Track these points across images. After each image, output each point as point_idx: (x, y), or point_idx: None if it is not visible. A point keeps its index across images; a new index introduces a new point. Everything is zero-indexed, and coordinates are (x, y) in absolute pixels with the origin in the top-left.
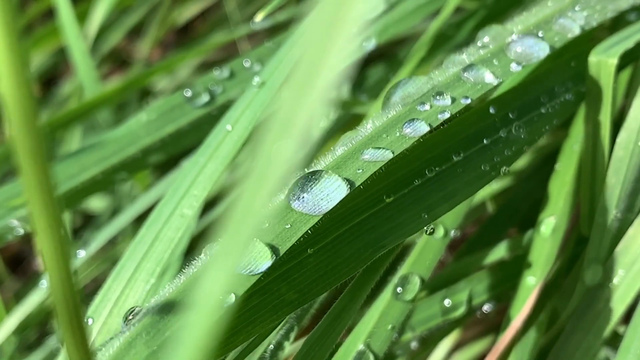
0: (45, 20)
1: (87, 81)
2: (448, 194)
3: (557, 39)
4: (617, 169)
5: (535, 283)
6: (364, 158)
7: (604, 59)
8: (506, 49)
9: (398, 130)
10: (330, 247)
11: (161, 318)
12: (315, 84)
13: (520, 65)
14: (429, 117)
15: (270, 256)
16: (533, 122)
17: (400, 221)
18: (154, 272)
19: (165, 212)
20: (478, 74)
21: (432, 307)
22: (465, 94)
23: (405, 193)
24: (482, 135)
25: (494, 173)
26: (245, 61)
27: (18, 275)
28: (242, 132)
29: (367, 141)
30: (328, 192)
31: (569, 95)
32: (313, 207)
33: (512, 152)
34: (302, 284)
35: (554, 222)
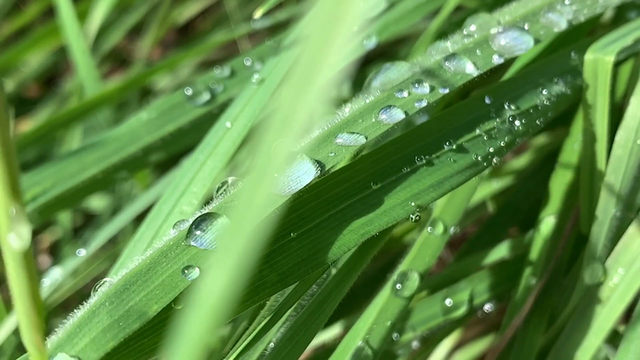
0: (45, 19)
1: (88, 80)
2: (437, 182)
3: (543, 33)
4: (616, 168)
5: (535, 282)
6: (337, 142)
7: (601, 57)
8: (490, 40)
9: (374, 116)
10: (314, 232)
11: (125, 289)
12: (315, 82)
13: (502, 58)
14: (405, 105)
15: None
16: (528, 114)
17: (386, 208)
18: None
19: (164, 210)
20: (459, 64)
21: (433, 307)
22: (444, 83)
23: (393, 180)
24: (476, 125)
25: (485, 163)
26: (246, 60)
27: None
28: (241, 130)
29: (342, 125)
30: (299, 174)
31: (566, 89)
32: (282, 188)
33: (505, 144)
34: (284, 267)
35: (554, 221)
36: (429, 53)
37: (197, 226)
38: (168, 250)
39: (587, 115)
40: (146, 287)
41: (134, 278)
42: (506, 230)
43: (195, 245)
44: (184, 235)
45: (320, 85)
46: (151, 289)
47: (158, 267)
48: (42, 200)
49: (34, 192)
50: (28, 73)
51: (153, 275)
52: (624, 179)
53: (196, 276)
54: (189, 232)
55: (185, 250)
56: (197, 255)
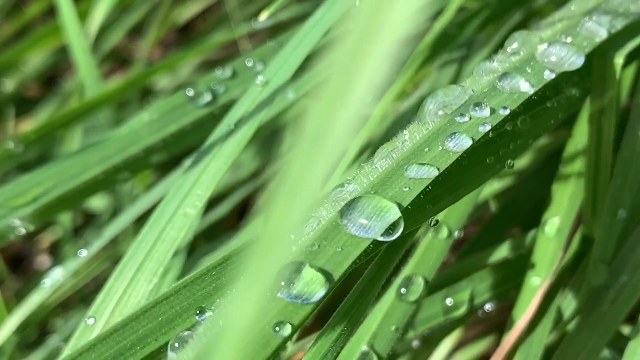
0: (46, 18)
1: (88, 80)
2: (453, 187)
3: (586, 44)
4: (623, 170)
5: (540, 283)
6: (409, 175)
7: (610, 58)
8: (537, 56)
9: (440, 144)
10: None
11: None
12: (349, 98)
13: (553, 73)
14: (469, 130)
15: (324, 283)
16: (538, 115)
17: (402, 213)
18: (157, 272)
19: (168, 211)
20: (513, 82)
21: (434, 306)
22: (503, 104)
23: None
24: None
25: (498, 166)
26: (248, 60)
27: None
28: (245, 132)
29: (409, 156)
30: (379, 214)
31: (574, 90)
32: (362, 230)
33: (517, 146)
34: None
35: (559, 222)
36: (477, 74)
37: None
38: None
39: (594, 117)
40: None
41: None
42: (508, 230)
43: (283, 298)
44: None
45: (354, 101)
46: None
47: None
48: (43, 201)
49: (35, 192)
50: (28, 73)
51: None
52: (631, 181)
53: (287, 333)
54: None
55: (273, 303)
56: (286, 309)
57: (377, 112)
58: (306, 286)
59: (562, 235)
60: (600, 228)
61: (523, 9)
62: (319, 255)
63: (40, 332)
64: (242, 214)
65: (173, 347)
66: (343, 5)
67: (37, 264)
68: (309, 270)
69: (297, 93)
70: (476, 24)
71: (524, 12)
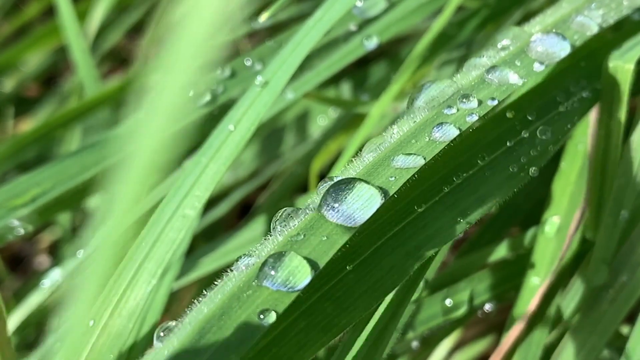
0: (45, 18)
1: (87, 80)
2: (480, 198)
3: (577, 38)
4: (627, 170)
5: (540, 283)
6: (395, 165)
7: (621, 64)
8: (527, 50)
9: (427, 135)
10: (370, 261)
11: (200, 338)
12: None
13: (543, 65)
14: (457, 120)
15: (310, 271)
16: (554, 121)
17: (436, 228)
18: (155, 274)
19: (167, 213)
20: (502, 75)
21: (433, 307)
22: (491, 95)
23: (437, 200)
24: (504, 138)
25: (522, 174)
26: (247, 60)
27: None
28: (244, 132)
29: (396, 147)
30: (362, 202)
31: (586, 93)
32: (348, 218)
33: (538, 152)
34: (347, 302)
35: (559, 222)
36: (467, 69)
37: (268, 265)
38: (239, 292)
39: (602, 121)
40: (222, 335)
41: (208, 325)
42: (507, 229)
43: (268, 286)
44: (254, 275)
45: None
46: (227, 336)
47: (231, 312)
48: (41, 201)
49: (34, 193)
50: (28, 72)
51: (227, 321)
52: (634, 182)
53: (273, 320)
54: (259, 272)
55: (258, 291)
56: (271, 296)
57: (375, 111)
58: (291, 274)
59: (562, 235)
60: (602, 228)
61: (522, 9)
62: (304, 244)
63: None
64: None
65: (159, 336)
66: (343, 5)
67: (37, 264)
68: (295, 259)
69: (297, 93)
70: (475, 23)
71: (523, 11)
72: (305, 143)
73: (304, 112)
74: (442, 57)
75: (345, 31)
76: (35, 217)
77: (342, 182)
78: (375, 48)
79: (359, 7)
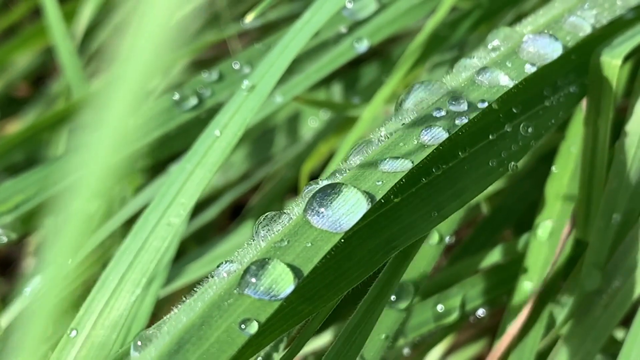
0: (34, 17)
1: (74, 82)
2: (457, 192)
3: (569, 38)
4: (619, 173)
5: (532, 288)
6: (383, 169)
7: (608, 60)
8: (518, 51)
9: (415, 138)
10: (339, 251)
11: (179, 348)
12: None
13: (534, 66)
14: (446, 123)
15: (293, 279)
16: (538, 115)
17: (410, 221)
18: (140, 283)
19: (151, 221)
20: (492, 76)
21: (425, 313)
22: (481, 97)
23: (413, 192)
24: (487, 131)
25: (502, 169)
26: (235, 63)
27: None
28: (231, 138)
29: (383, 150)
30: (348, 207)
31: (573, 88)
32: (334, 224)
33: (519, 147)
34: (312, 291)
35: (551, 226)
36: (457, 70)
37: (250, 272)
38: (220, 301)
39: (590, 119)
40: (201, 345)
41: (187, 335)
42: (500, 232)
43: (250, 295)
44: (236, 283)
45: None
46: (207, 347)
47: (212, 321)
48: (25, 208)
49: (17, 200)
50: (16, 73)
51: (207, 331)
52: (626, 185)
53: (254, 330)
54: (241, 280)
55: (239, 300)
56: (253, 305)
57: (367, 114)
58: (274, 282)
59: (554, 239)
60: (594, 232)
61: (515, 10)
62: (288, 250)
63: None
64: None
65: (136, 346)
66: (331, 7)
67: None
68: (278, 266)
69: (286, 96)
70: (468, 24)
71: (515, 12)
72: (296, 145)
73: (295, 114)
74: (435, 58)
75: (335, 33)
76: (19, 225)
77: (328, 186)
78: (366, 50)
79: (349, 9)
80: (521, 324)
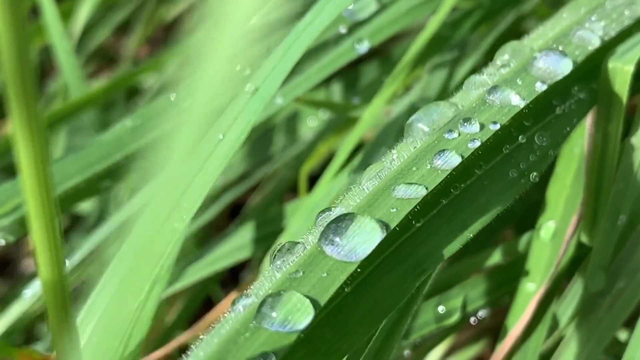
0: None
1: (72, 81)
2: (480, 207)
3: (578, 53)
4: (626, 175)
5: (535, 289)
6: (396, 195)
7: (620, 66)
8: (528, 67)
9: (428, 163)
10: (368, 282)
11: None
12: None
13: (545, 84)
14: (458, 147)
15: (311, 309)
16: (551, 124)
17: (435, 242)
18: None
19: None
20: (503, 95)
21: (426, 314)
22: (492, 119)
23: (435, 214)
24: (500, 145)
25: (523, 180)
26: None
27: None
28: (234, 142)
29: (397, 175)
30: (364, 236)
31: (583, 95)
32: (349, 253)
33: (538, 157)
34: (347, 325)
35: (554, 227)
36: (467, 88)
37: (266, 305)
38: (236, 335)
39: (600, 125)
40: None
41: None
42: (501, 233)
43: (267, 327)
44: (252, 316)
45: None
46: None
47: (229, 357)
48: (23, 211)
49: (15, 202)
50: None
51: None
52: (633, 186)
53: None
54: (257, 313)
55: (256, 333)
56: (270, 338)
57: (367, 115)
58: (290, 313)
59: (558, 240)
60: (599, 233)
61: (516, 10)
62: (303, 281)
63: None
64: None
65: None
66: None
67: (24, 268)
68: (294, 297)
69: (286, 98)
70: (469, 24)
71: (517, 12)
72: (295, 145)
73: (294, 114)
74: (435, 59)
75: (335, 34)
76: (16, 228)
77: (342, 215)
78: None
79: (349, 10)
80: (524, 326)
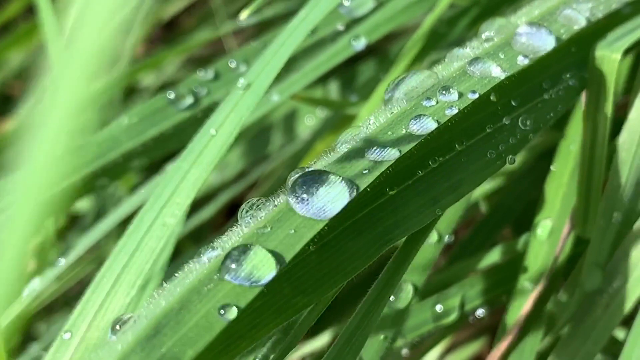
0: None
1: None
2: (453, 185)
3: (563, 31)
4: (619, 171)
5: (532, 288)
6: (370, 157)
7: (607, 54)
8: (512, 42)
9: (404, 127)
10: (334, 244)
11: (156, 333)
12: None
13: (527, 58)
14: (435, 113)
15: (275, 265)
16: (537, 109)
17: (406, 214)
18: (135, 284)
19: (146, 221)
20: (484, 67)
21: (424, 313)
22: (472, 88)
23: (409, 185)
24: (484, 124)
25: (499, 162)
26: (231, 62)
27: None
28: (226, 137)
29: (371, 139)
30: (333, 195)
31: (573, 81)
32: (318, 211)
33: (517, 140)
34: (306, 283)
35: (551, 225)
36: (449, 60)
37: (231, 258)
38: (200, 286)
39: (589, 114)
40: (179, 330)
41: (165, 319)
42: (499, 231)
43: (230, 280)
44: (216, 269)
45: None
46: (184, 331)
47: (191, 306)
48: None
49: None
50: (10, 71)
51: (186, 316)
52: (627, 183)
53: (233, 316)
54: (222, 265)
55: (219, 285)
56: (233, 291)
57: (364, 112)
58: (255, 268)
59: (554, 239)
60: (594, 231)
61: (512, 7)
62: (270, 237)
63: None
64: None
65: (114, 330)
66: (327, 4)
67: None
68: (260, 252)
69: (283, 95)
70: (466, 21)
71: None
72: (292, 143)
73: (291, 112)
74: (432, 56)
75: (332, 31)
76: None
77: (313, 173)
78: (363, 48)
79: (346, 7)
80: (521, 324)
